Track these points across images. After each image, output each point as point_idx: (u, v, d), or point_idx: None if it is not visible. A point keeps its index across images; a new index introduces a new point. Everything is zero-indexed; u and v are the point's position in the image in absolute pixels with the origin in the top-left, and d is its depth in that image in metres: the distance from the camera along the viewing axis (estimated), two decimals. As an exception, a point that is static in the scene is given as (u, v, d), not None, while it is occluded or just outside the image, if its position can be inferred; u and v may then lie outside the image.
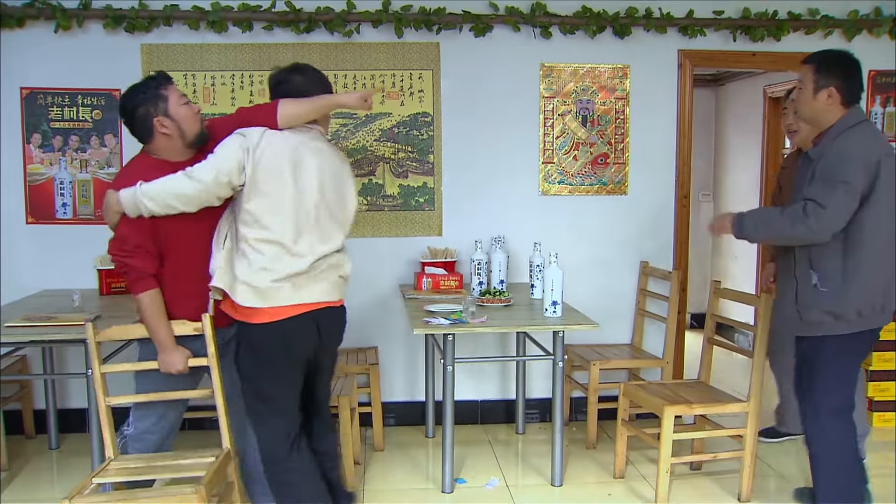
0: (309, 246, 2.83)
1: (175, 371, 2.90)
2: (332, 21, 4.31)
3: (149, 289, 2.83)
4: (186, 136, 2.88)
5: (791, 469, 4.02)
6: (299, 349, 2.88)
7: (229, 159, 2.75)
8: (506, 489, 3.80)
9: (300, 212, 2.82)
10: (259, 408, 2.92)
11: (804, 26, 4.56)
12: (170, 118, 2.84)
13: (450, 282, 4.25)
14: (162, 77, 2.91)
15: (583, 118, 4.59)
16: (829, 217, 2.94)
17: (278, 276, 2.77)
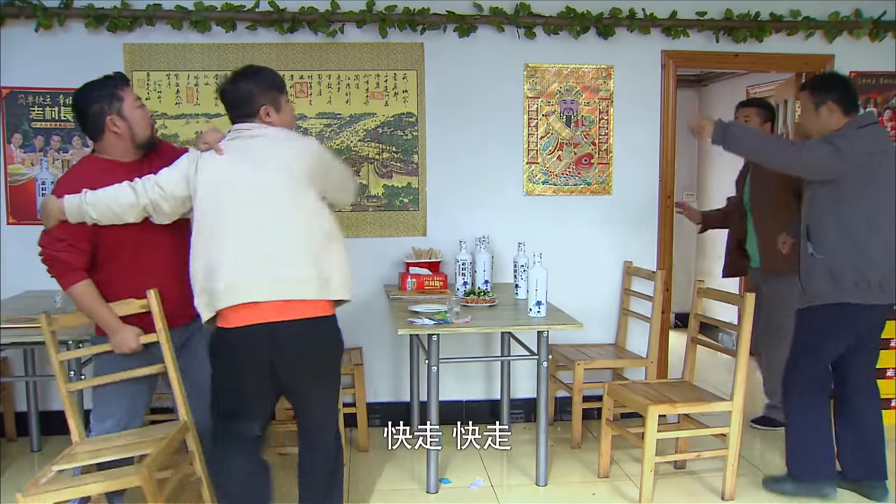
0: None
1: (129, 349, 2.93)
2: (316, 21, 4.30)
3: (77, 281, 2.87)
4: (137, 137, 2.94)
5: (775, 468, 4.04)
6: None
7: (172, 174, 2.83)
8: (491, 489, 3.80)
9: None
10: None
11: (786, 28, 4.59)
12: (123, 118, 2.90)
13: (434, 282, 4.25)
14: (120, 78, 2.98)
15: (567, 118, 4.60)
16: (811, 156, 3.31)
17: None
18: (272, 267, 2.70)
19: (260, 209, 2.73)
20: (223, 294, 2.68)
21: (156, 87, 4.34)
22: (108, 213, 2.82)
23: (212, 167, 2.79)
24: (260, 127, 2.86)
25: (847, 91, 3.45)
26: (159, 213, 2.86)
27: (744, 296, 3.57)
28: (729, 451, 3.60)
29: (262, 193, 2.74)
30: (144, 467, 2.67)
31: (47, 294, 4.04)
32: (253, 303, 2.68)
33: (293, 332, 2.74)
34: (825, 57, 4.69)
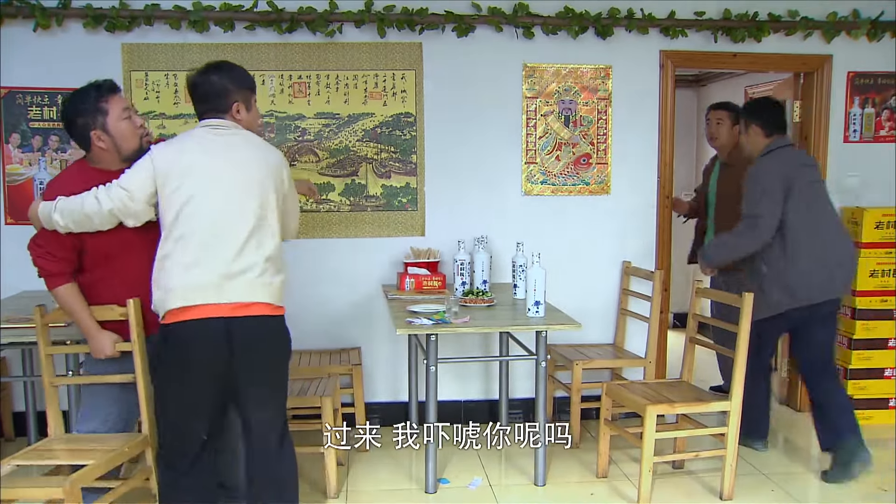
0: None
1: (105, 355, 2.95)
2: (315, 21, 4.29)
3: (58, 285, 2.91)
4: (122, 152, 2.91)
5: (773, 468, 4.05)
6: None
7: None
8: (489, 489, 3.80)
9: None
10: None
11: (784, 28, 4.60)
12: (107, 133, 2.88)
13: (433, 282, 4.25)
14: (107, 87, 2.91)
15: (565, 118, 4.60)
16: (764, 222, 3.79)
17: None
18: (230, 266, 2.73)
19: (229, 206, 2.74)
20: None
21: (154, 86, 4.34)
22: (78, 220, 2.81)
23: (183, 158, 2.76)
24: (235, 127, 2.86)
25: (771, 116, 3.99)
26: (128, 215, 2.80)
27: (742, 296, 3.57)
28: (727, 450, 3.60)
29: (235, 192, 2.75)
30: (69, 482, 2.64)
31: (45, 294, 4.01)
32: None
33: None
34: (823, 57, 4.69)
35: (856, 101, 4.76)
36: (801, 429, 4.69)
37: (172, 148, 2.82)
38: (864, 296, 4.63)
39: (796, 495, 3.73)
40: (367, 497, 3.71)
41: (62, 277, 2.91)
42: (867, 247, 4.61)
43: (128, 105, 2.96)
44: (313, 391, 3.69)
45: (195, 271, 2.69)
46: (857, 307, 4.63)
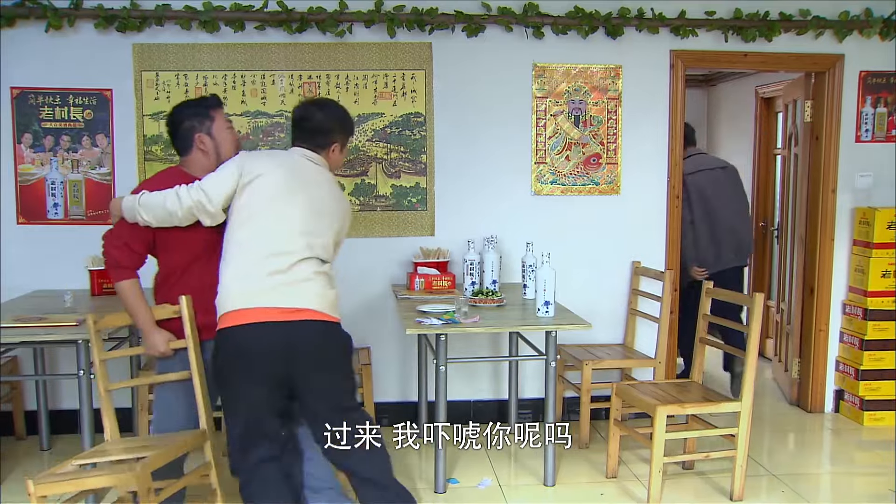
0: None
1: (158, 353, 3.04)
2: (325, 21, 4.30)
3: (125, 278, 2.98)
4: (221, 157, 3.07)
5: (783, 468, 4.03)
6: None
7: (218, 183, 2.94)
8: (498, 489, 3.80)
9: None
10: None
11: (795, 27, 4.58)
12: (211, 137, 3.08)
13: (442, 282, 4.25)
14: (214, 100, 3.16)
15: (575, 118, 4.60)
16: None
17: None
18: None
19: (296, 225, 2.92)
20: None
21: (165, 86, 4.35)
22: (159, 215, 2.92)
23: (272, 169, 2.94)
24: (325, 165, 3.09)
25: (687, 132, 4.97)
26: (205, 214, 2.92)
27: (752, 296, 3.56)
28: (737, 451, 3.59)
29: (306, 214, 2.94)
30: (139, 465, 2.71)
31: (56, 293, 4.07)
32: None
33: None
34: (835, 56, 4.67)
35: (868, 100, 4.73)
36: (811, 430, 4.67)
37: (264, 158, 3.04)
38: (876, 296, 4.61)
39: (807, 496, 3.71)
40: (376, 496, 3.71)
41: (129, 271, 3.00)
42: (879, 247, 4.59)
43: (230, 120, 3.20)
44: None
45: (256, 273, 2.83)
46: (869, 308, 4.61)
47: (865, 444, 4.39)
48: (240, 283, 2.84)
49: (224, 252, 2.91)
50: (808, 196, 4.91)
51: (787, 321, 5.21)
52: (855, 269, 4.75)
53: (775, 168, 6.11)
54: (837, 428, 4.66)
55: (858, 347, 4.67)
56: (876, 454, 4.23)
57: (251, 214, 2.88)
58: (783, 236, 5.50)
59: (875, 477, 3.93)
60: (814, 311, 4.85)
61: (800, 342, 5.00)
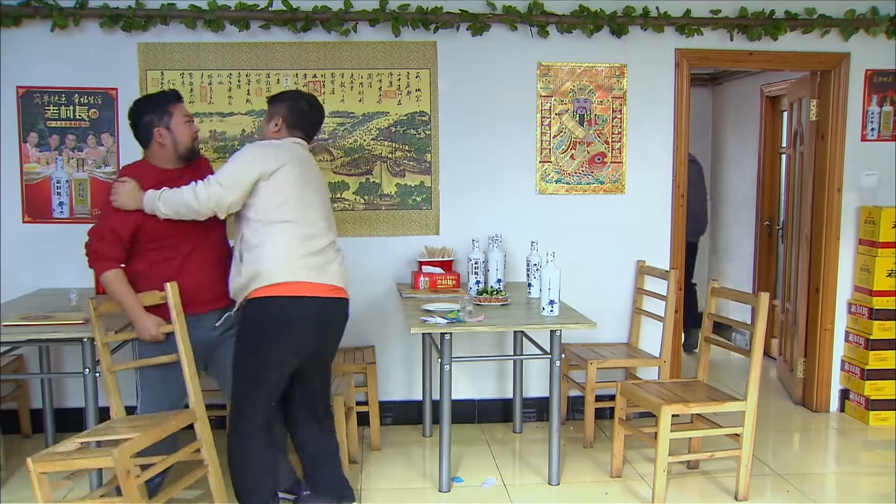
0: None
1: (150, 337, 3.17)
2: (330, 20, 4.30)
3: (110, 268, 3.14)
4: (179, 148, 3.26)
5: (789, 468, 4.03)
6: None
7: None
8: (503, 488, 3.80)
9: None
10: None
11: (801, 26, 4.57)
12: (169, 130, 3.23)
13: (447, 281, 4.25)
14: (173, 95, 3.31)
15: (580, 117, 4.59)
16: None
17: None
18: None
19: (319, 204, 3.24)
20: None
21: (169, 85, 4.36)
22: (180, 211, 3.11)
23: (289, 159, 3.14)
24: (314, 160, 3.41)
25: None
26: (221, 208, 3.10)
27: (758, 295, 3.55)
28: (742, 450, 3.59)
29: (319, 194, 3.26)
30: (116, 450, 2.78)
31: (61, 292, 4.08)
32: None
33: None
34: (840, 55, 4.66)
35: (873, 99, 4.72)
36: (817, 429, 4.66)
37: (280, 150, 3.16)
38: (881, 296, 4.60)
39: (812, 496, 3.70)
40: (380, 495, 3.72)
41: (113, 262, 3.15)
42: (884, 246, 4.58)
43: (189, 114, 3.32)
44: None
45: (309, 250, 3.10)
46: (875, 307, 4.60)
47: (871, 444, 4.38)
48: (285, 258, 3.06)
49: (261, 231, 3.08)
50: (813, 195, 4.90)
51: (793, 320, 5.20)
52: (860, 268, 4.74)
53: (780, 167, 6.10)
54: (843, 428, 4.65)
55: (864, 347, 4.66)
56: (881, 454, 4.22)
57: (286, 199, 3.09)
58: (788, 235, 5.49)
59: (880, 477, 3.93)
60: (819, 311, 4.84)
61: (805, 341, 4.99)
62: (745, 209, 6.51)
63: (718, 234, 7.08)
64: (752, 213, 6.38)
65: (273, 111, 3.31)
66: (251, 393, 3.12)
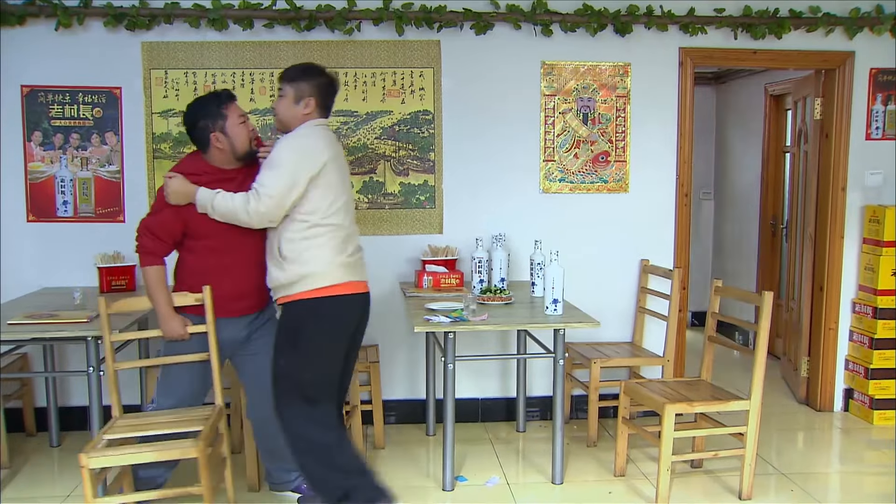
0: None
1: (176, 336, 3.22)
2: (333, 19, 4.30)
3: (151, 264, 3.18)
4: (237, 152, 3.22)
5: (793, 467, 4.02)
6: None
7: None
8: (506, 487, 3.80)
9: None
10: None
11: (805, 24, 4.56)
12: (225, 135, 3.18)
13: (450, 280, 4.25)
14: (226, 95, 3.24)
15: (584, 116, 4.59)
16: None
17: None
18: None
19: (351, 199, 3.32)
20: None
21: (173, 84, 4.36)
22: (230, 219, 3.11)
23: (331, 156, 3.12)
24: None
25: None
26: (273, 220, 3.10)
27: (761, 294, 3.55)
28: (746, 450, 3.58)
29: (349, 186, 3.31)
30: (200, 440, 2.97)
31: (66, 291, 4.09)
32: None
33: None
34: (845, 54, 4.65)
35: (878, 97, 4.71)
36: (820, 428, 4.66)
37: (319, 140, 3.13)
38: (886, 295, 4.59)
39: (816, 495, 3.70)
40: (384, 494, 3.71)
41: (156, 258, 3.19)
42: (889, 245, 4.57)
43: (243, 112, 3.24)
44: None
45: (342, 255, 3.15)
46: (879, 306, 4.59)
47: (875, 444, 4.37)
48: (332, 261, 3.11)
49: (306, 232, 3.09)
50: (817, 194, 4.89)
51: (797, 319, 5.19)
52: (865, 267, 4.73)
53: (784, 166, 6.09)
54: (847, 427, 4.64)
55: (868, 346, 4.65)
56: (885, 453, 4.21)
57: (332, 201, 3.12)
58: (792, 234, 5.48)
59: (884, 476, 3.92)
60: (823, 310, 4.84)
61: (809, 341, 4.98)
62: (748, 208, 6.50)
63: (722, 233, 7.07)
64: (755, 211, 6.37)
65: (299, 89, 3.16)
66: (321, 385, 3.19)
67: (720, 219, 7.08)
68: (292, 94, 3.16)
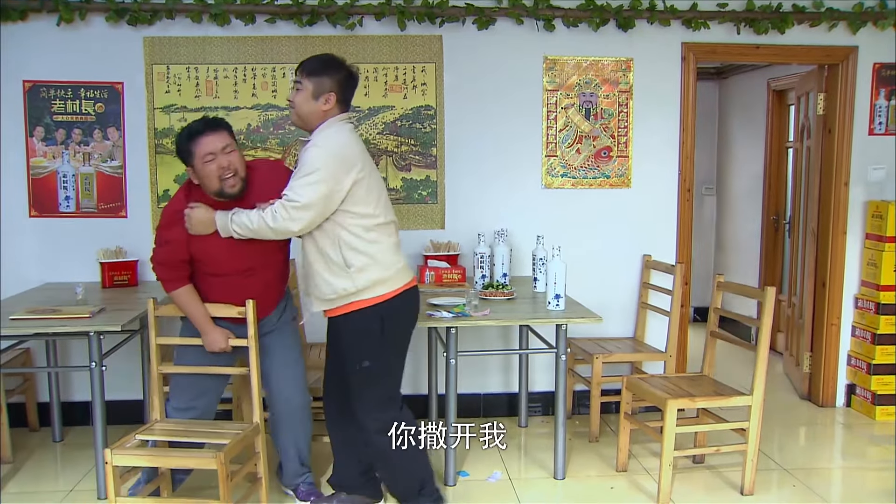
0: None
1: (218, 349, 3.20)
2: (335, 14, 4.30)
3: (175, 288, 3.14)
4: (208, 190, 3.07)
5: (795, 463, 4.02)
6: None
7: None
8: (508, 482, 3.80)
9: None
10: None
11: (809, 19, 4.54)
12: (194, 171, 3.06)
13: (453, 275, 4.24)
14: (196, 128, 3.03)
15: (586, 111, 4.58)
16: None
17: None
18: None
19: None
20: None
21: (175, 80, 4.36)
22: (255, 232, 3.00)
23: (363, 156, 3.06)
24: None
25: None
26: (311, 226, 2.99)
27: (764, 290, 3.54)
28: (748, 445, 3.58)
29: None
30: (222, 453, 2.94)
31: (68, 286, 4.09)
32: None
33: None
34: (848, 49, 4.64)
35: (881, 92, 4.69)
36: (823, 424, 4.66)
37: (354, 146, 3.03)
38: (889, 290, 4.58)
39: (818, 491, 3.70)
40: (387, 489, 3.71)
41: (177, 282, 3.14)
42: (892, 241, 4.56)
43: (214, 149, 3.01)
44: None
45: (400, 251, 3.17)
46: (882, 302, 4.58)
47: (877, 439, 4.37)
48: (396, 261, 3.10)
49: (365, 235, 3.01)
50: (820, 189, 4.88)
51: (799, 315, 5.19)
52: (867, 262, 4.73)
53: (787, 161, 6.08)
54: (849, 422, 4.64)
55: (871, 342, 4.65)
56: (888, 449, 4.21)
57: (377, 198, 3.05)
58: (795, 230, 5.47)
59: (886, 472, 3.91)
60: (825, 305, 4.83)
61: (811, 336, 4.98)
62: (751, 203, 6.49)
63: (724, 229, 7.06)
64: (758, 207, 6.36)
65: (319, 84, 3.00)
66: (395, 387, 3.24)
67: (722, 214, 7.08)
68: (311, 88, 3.00)
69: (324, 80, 3.00)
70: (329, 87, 3.00)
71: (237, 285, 3.17)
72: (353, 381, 3.16)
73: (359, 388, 3.16)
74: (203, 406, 3.32)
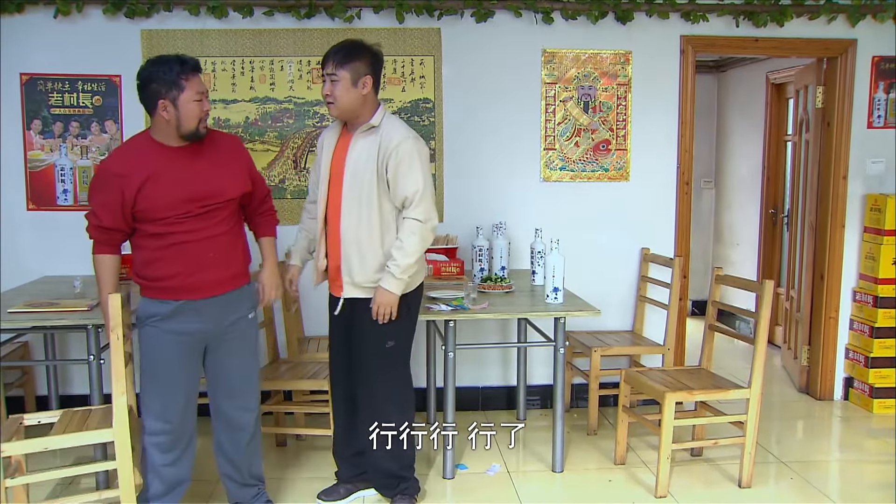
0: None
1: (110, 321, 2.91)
2: (333, 6, 4.28)
3: (101, 253, 2.93)
4: (181, 129, 2.88)
5: (792, 456, 4.03)
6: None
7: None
8: (507, 475, 3.81)
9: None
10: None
11: (808, 12, 4.53)
12: (175, 107, 2.85)
13: (451, 268, 4.24)
14: (191, 65, 2.88)
15: (584, 104, 4.57)
16: None
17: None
18: None
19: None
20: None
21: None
22: (415, 259, 3.13)
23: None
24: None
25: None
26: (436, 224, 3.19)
27: (762, 283, 3.55)
28: (746, 438, 3.59)
29: None
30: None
31: (66, 279, 4.08)
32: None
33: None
34: (848, 41, 4.63)
35: (880, 85, 4.69)
36: (820, 417, 4.66)
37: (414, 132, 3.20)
38: (887, 284, 4.58)
39: (816, 483, 3.71)
40: (385, 482, 3.72)
41: (105, 247, 2.93)
42: (890, 234, 4.56)
43: (204, 89, 2.92)
44: (323, 374, 3.74)
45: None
46: (880, 295, 4.59)
47: (875, 432, 4.38)
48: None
49: (397, 223, 3.14)
50: (818, 182, 4.88)
51: (797, 308, 5.19)
52: (866, 256, 4.73)
53: (786, 154, 6.08)
54: (847, 415, 4.65)
55: (868, 335, 4.66)
56: (885, 442, 4.22)
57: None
58: (793, 223, 5.47)
59: (884, 465, 3.92)
60: (823, 299, 4.84)
61: (809, 329, 4.99)
62: (749, 197, 6.49)
63: (723, 222, 7.06)
64: (756, 200, 6.36)
65: (355, 70, 3.01)
66: (404, 374, 3.37)
67: (721, 207, 7.08)
68: (348, 76, 3.00)
69: (357, 65, 3.02)
70: (364, 70, 3.04)
71: (187, 250, 2.91)
72: (377, 364, 3.24)
73: (378, 359, 3.24)
74: (178, 413, 3.04)
